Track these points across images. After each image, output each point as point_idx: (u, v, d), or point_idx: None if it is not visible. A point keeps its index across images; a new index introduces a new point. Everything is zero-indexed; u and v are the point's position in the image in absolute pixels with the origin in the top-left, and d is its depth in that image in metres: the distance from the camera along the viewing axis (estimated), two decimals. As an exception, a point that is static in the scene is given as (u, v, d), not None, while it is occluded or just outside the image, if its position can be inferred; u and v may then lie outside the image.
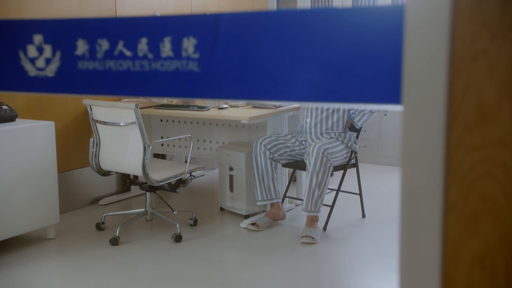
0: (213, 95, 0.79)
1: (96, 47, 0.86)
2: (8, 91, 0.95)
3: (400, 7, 0.65)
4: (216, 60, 0.77)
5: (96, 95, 0.88)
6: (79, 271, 3.03)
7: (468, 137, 0.61)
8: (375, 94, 0.67)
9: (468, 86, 0.60)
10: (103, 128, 3.42)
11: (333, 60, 0.69)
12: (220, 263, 3.24)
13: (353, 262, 3.15)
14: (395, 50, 0.65)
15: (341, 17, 0.69)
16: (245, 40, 0.75)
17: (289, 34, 0.71)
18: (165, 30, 0.80)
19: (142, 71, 0.83)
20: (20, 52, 0.92)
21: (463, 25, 0.59)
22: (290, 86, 0.72)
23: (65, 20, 0.89)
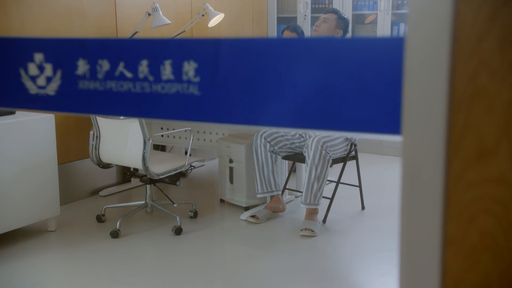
0: (213, 119, 0.79)
1: (97, 68, 0.86)
2: (9, 108, 0.96)
3: (400, 39, 0.65)
4: (217, 85, 0.77)
5: (97, 114, 0.88)
6: (80, 264, 3.05)
7: (467, 173, 0.61)
8: (375, 124, 0.68)
9: (467, 123, 0.61)
10: (103, 121, 3.42)
11: (333, 89, 0.70)
12: (220, 256, 3.26)
13: (352, 255, 3.17)
14: (395, 81, 0.66)
15: (341, 46, 0.69)
16: (245, 66, 0.75)
17: (290, 62, 0.72)
18: (166, 53, 0.80)
19: (143, 93, 0.83)
20: (21, 69, 0.92)
21: (462, 63, 0.60)
22: (289, 112, 0.73)
23: (65, 39, 0.89)
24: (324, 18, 3.65)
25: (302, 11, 5.90)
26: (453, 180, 0.61)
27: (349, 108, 0.69)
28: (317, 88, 0.70)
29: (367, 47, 0.67)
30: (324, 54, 0.69)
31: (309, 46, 0.70)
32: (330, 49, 0.69)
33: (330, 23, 3.62)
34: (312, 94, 0.71)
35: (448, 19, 0.59)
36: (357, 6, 5.71)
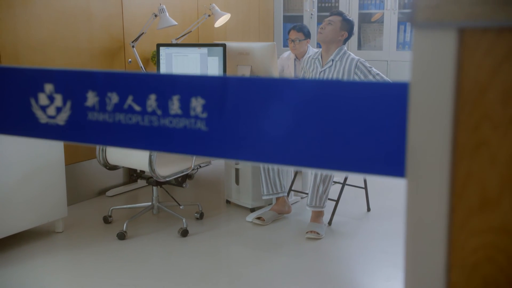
0: (220, 155, 0.80)
1: (106, 100, 0.87)
2: (20, 136, 0.97)
3: (404, 85, 0.66)
4: (224, 121, 0.79)
5: (106, 145, 0.90)
6: (86, 266, 3.08)
7: (471, 222, 0.62)
8: (380, 166, 0.69)
9: (470, 173, 0.62)
10: (110, 123, 3.43)
11: (339, 130, 0.71)
12: (225, 258, 3.28)
13: (358, 258, 3.19)
14: (399, 125, 0.67)
15: (347, 89, 0.70)
16: (252, 104, 0.76)
17: (296, 102, 0.73)
18: (174, 88, 0.82)
19: (151, 126, 0.84)
20: (31, 99, 0.93)
21: (465, 114, 0.61)
22: (295, 151, 0.74)
23: (76, 71, 0.91)
24: (329, 20, 3.64)
25: (308, 10, 5.89)
26: (456, 228, 0.62)
27: (354, 150, 0.70)
28: (322, 128, 0.71)
29: (373, 90, 0.68)
30: (330, 96, 0.70)
31: (316, 88, 0.71)
32: (336, 92, 0.70)
33: (335, 25, 3.61)
34: (318, 134, 0.72)
35: (451, 72, 0.59)
36: (363, 5, 5.70)
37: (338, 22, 3.61)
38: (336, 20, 3.62)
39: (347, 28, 3.63)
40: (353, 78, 3.57)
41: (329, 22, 3.62)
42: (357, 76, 3.57)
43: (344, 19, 3.64)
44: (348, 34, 3.65)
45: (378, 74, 3.59)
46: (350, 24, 3.66)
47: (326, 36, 3.61)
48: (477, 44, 0.58)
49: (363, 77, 3.56)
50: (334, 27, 3.61)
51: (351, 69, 3.57)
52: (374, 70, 3.59)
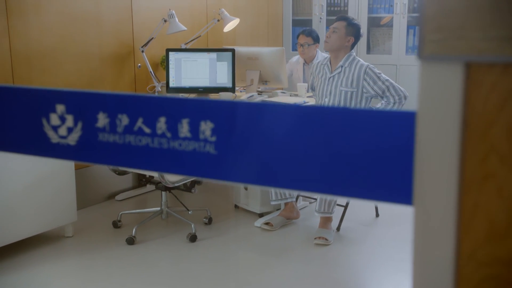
0: (229, 178, 0.81)
1: (116, 121, 0.88)
2: (32, 155, 0.99)
3: (412, 114, 0.66)
4: (233, 145, 0.79)
5: (116, 166, 0.91)
6: (95, 271, 3.10)
7: (478, 253, 0.63)
8: (387, 193, 0.69)
9: (477, 205, 0.62)
10: (120, 129, 3.45)
11: (346, 157, 0.71)
12: (234, 264, 3.29)
13: (366, 265, 3.19)
14: (407, 153, 0.67)
15: (356, 117, 0.70)
16: (261, 129, 0.77)
17: (305, 129, 0.73)
18: (184, 111, 0.83)
19: (161, 149, 0.85)
20: (43, 119, 0.95)
21: (473, 147, 0.61)
22: (302, 177, 0.75)
23: (87, 92, 0.92)
24: (333, 28, 3.63)
25: (317, 13, 5.89)
26: (463, 259, 0.63)
27: (361, 176, 0.71)
28: (330, 154, 0.72)
29: (380, 119, 0.69)
30: (339, 123, 0.71)
31: (324, 115, 0.72)
32: (345, 119, 0.71)
33: (339, 32, 3.60)
34: (326, 160, 0.73)
35: (458, 104, 0.60)
36: (372, 9, 5.69)
37: (342, 28, 3.60)
38: (340, 27, 3.60)
39: (353, 33, 3.62)
40: (362, 84, 3.57)
41: (334, 30, 3.61)
42: (366, 82, 3.56)
43: (349, 24, 3.61)
44: (354, 38, 3.63)
45: (387, 80, 3.58)
46: (356, 28, 3.63)
47: (332, 44, 3.60)
48: (484, 79, 0.59)
49: (372, 83, 3.55)
50: (339, 34, 3.60)
51: (360, 75, 3.56)
52: (383, 76, 3.58)
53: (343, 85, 3.61)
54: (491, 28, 0.55)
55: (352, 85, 3.58)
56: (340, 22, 3.63)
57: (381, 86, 3.53)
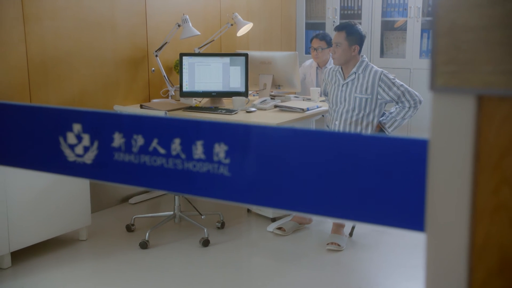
0: (242, 200, 0.82)
1: (131, 142, 0.90)
2: (49, 173, 1.00)
3: (424, 142, 0.67)
4: (246, 168, 0.80)
5: (131, 185, 0.92)
6: (110, 274, 3.13)
7: (490, 283, 0.63)
8: (399, 219, 0.70)
9: (489, 235, 0.62)
10: (134, 134, 3.48)
11: (359, 182, 0.72)
12: (246, 269, 3.30)
13: (378, 271, 3.18)
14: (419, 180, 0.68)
15: (368, 143, 0.71)
16: (274, 153, 0.78)
17: (317, 154, 0.74)
18: (198, 133, 0.84)
19: (175, 169, 0.87)
20: (60, 138, 0.96)
21: (485, 178, 0.61)
22: (316, 200, 0.76)
23: (103, 112, 0.93)
24: (336, 43, 3.63)
25: (331, 17, 5.88)
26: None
27: (374, 202, 0.71)
28: (343, 180, 0.73)
29: (393, 145, 0.70)
30: (352, 149, 0.72)
31: (337, 140, 0.73)
32: (358, 145, 0.71)
33: (342, 45, 3.60)
34: (339, 185, 0.73)
35: (470, 135, 0.60)
36: (386, 12, 5.67)
37: (343, 40, 3.59)
38: (341, 40, 3.59)
39: (355, 41, 3.60)
40: (377, 91, 3.57)
41: (336, 44, 3.61)
42: (381, 89, 3.56)
43: (348, 34, 3.59)
44: (359, 45, 3.63)
45: (402, 85, 3.58)
46: (356, 35, 3.61)
47: (339, 59, 3.62)
48: (495, 111, 0.59)
49: (387, 89, 3.55)
50: (342, 47, 3.60)
51: (374, 81, 3.57)
52: (397, 82, 3.58)
53: (357, 92, 3.61)
54: (502, 62, 0.56)
55: (366, 92, 3.59)
56: (339, 33, 3.61)
57: (396, 91, 3.54)
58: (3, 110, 0.99)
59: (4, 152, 1.02)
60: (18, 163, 1.03)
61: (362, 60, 3.64)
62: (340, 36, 3.60)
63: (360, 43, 3.63)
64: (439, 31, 0.60)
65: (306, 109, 3.95)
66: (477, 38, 0.57)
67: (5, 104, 0.99)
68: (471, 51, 0.58)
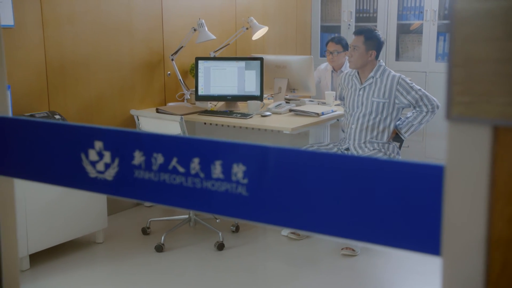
0: (259, 219, 0.84)
1: (152, 160, 0.92)
2: (70, 188, 1.03)
3: (440, 167, 0.68)
4: (264, 188, 0.82)
5: (151, 202, 0.94)
6: (125, 277, 3.17)
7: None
8: (415, 243, 0.71)
9: (506, 263, 0.63)
10: (150, 138, 3.52)
11: (375, 205, 0.73)
12: (261, 273, 3.32)
13: (393, 277, 3.18)
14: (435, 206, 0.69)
15: (385, 167, 0.72)
16: (291, 174, 0.80)
17: (335, 176, 0.75)
18: (217, 153, 0.86)
19: (194, 188, 0.88)
20: (82, 154, 0.99)
21: (500, 206, 0.62)
22: (332, 222, 0.77)
23: (124, 131, 0.96)
24: (353, 46, 3.63)
25: (346, 20, 5.87)
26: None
27: (390, 225, 0.73)
28: (360, 203, 0.74)
29: (410, 170, 0.71)
30: (369, 172, 0.73)
31: (354, 164, 0.74)
32: (375, 168, 0.73)
33: (359, 49, 3.60)
34: (355, 208, 0.75)
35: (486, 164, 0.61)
36: (402, 15, 5.65)
37: (361, 44, 3.59)
38: (359, 44, 3.60)
39: (373, 46, 3.61)
40: (395, 95, 3.57)
41: (354, 48, 3.62)
42: (399, 93, 3.56)
43: (367, 38, 3.59)
44: (376, 51, 3.63)
45: (419, 89, 3.59)
46: (375, 40, 3.61)
47: (356, 63, 3.63)
48: (511, 141, 0.60)
49: (405, 93, 3.56)
50: (359, 51, 3.60)
51: (392, 86, 3.57)
52: (415, 86, 3.59)
53: (375, 96, 3.62)
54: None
55: (384, 96, 3.59)
56: (358, 37, 3.62)
57: (414, 96, 3.55)
58: (28, 126, 1.02)
59: (28, 167, 1.04)
60: (41, 178, 1.05)
61: (379, 64, 3.64)
62: (358, 39, 3.61)
63: (378, 49, 3.63)
64: (455, 62, 0.61)
65: (321, 113, 3.96)
66: (493, 70, 0.58)
67: (29, 121, 1.02)
68: (487, 82, 0.59)
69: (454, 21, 0.61)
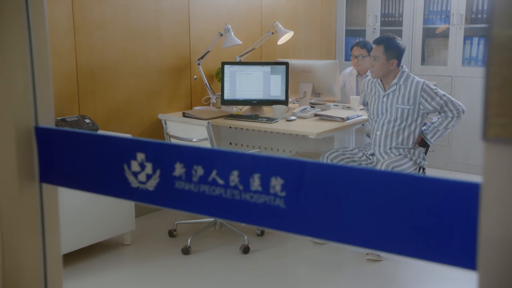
0: (296, 231, 0.87)
1: (192, 172, 0.96)
2: (113, 197, 1.07)
3: (476, 185, 0.70)
4: (301, 201, 0.85)
5: (191, 212, 0.98)
6: (153, 279, 3.23)
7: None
8: (452, 257, 0.73)
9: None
10: (177, 142, 3.58)
11: (412, 221, 0.76)
12: (285, 277, 3.35)
13: (419, 282, 3.18)
14: (471, 222, 0.71)
15: (422, 184, 0.75)
16: (327, 188, 0.83)
17: (369, 192, 0.78)
18: (256, 167, 0.89)
19: (233, 199, 0.92)
20: (125, 165, 1.03)
21: (535, 225, 0.64)
22: (368, 236, 0.80)
23: (165, 143, 1.00)
24: (374, 56, 3.63)
25: (371, 24, 5.86)
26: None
27: (427, 240, 0.75)
28: (397, 218, 0.77)
29: (446, 187, 0.73)
30: (405, 188, 0.76)
31: (391, 180, 0.77)
32: (411, 185, 0.75)
33: (380, 59, 3.60)
34: (393, 223, 0.77)
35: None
36: (428, 19, 5.62)
37: (382, 55, 3.59)
38: (379, 54, 3.59)
39: (393, 55, 3.60)
40: (420, 101, 3.57)
41: (374, 58, 3.61)
42: (423, 99, 3.56)
43: (387, 48, 3.57)
44: (397, 59, 3.62)
45: (444, 95, 3.58)
46: (395, 49, 3.60)
47: (377, 73, 3.63)
48: (547, 163, 0.62)
49: (430, 99, 3.55)
50: (380, 62, 3.60)
51: (416, 92, 3.57)
52: (440, 92, 3.58)
53: (399, 103, 3.62)
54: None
55: (409, 103, 3.60)
56: (377, 47, 3.60)
57: (439, 101, 3.54)
58: (74, 138, 1.07)
59: (73, 177, 1.09)
60: (85, 187, 1.10)
61: (402, 71, 3.65)
62: (378, 50, 3.60)
63: (399, 57, 3.63)
64: (491, 85, 0.64)
65: (346, 118, 3.97)
66: (529, 94, 0.60)
67: (75, 133, 1.07)
68: (523, 106, 0.61)
69: (491, 46, 0.64)
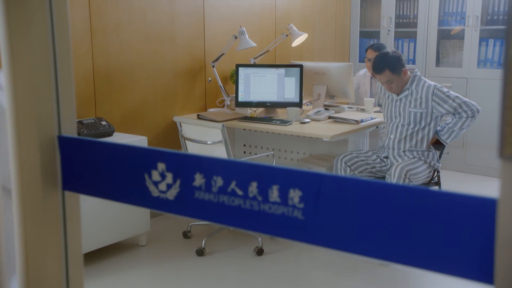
0: (314, 242, 0.89)
1: (211, 182, 0.98)
2: (133, 205, 1.10)
3: (493, 201, 0.71)
4: (319, 213, 0.87)
5: (210, 222, 1.00)
6: (167, 280, 3.26)
7: None
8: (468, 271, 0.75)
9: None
10: (191, 144, 3.61)
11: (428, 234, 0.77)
12: (299, 279, 3.36)
13: (432, 287, 3.18)
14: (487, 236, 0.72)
15: (439, 198, 0.76)
16: (345, 201, 0.84)
17: (386, 205, 0.80)
18: (274, 178, 0.91)
19: (252, 210, 0.94)
20: (145, 174, 1.06)
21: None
22: (385, 249, 0.81)
23: (186, 154, 1.02)
24: (387, 82, 3.59)
25: (385, 26, 5.85)
26: None
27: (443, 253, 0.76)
28: (414, 231, 0.78)
29: (462, 201, 0.74)
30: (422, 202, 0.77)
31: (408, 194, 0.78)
32: (428, 199, 0.77)
33: (394, 80, 3.56)
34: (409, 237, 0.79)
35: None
36: (443, 21, 5.60)
37: (391, 76, 3.56)
38: (389, 77, 3.57)
39: (400, 67, 3.57)
40: (432, 105, 3.57)
41: (388, 81, 3.59)
42: (435, 103, 3.56)
43: (391, 68, 3.53)
44: (403, 66, 3.61)
45: (457, 97, 3.57)
46: (397, 61, 3.57)
47: (397, 90, 3.65)
48: None
49: (442, 103, 3.55)
50: (395, 81, 3.59)
51: (428, 96, 3.58)
52: (452, 94, 3.57)
53: (411, 106, 3.63)
54: None
55: (421, 106, 3.60)
56: (384, 74, 3.55)
57: (452, 104, 3.54)
58: (95, 147, 1.09)
59: (94, 185, 1.12)
60: (106, 195, 1.13)
61: (414, 75, 3.65)
62: (386, 75, 3.57)
63: (403, 64, 3.63)
64: (508, 104, 0.65)
65: (361, 120, 3.98)
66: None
67: (96, 142, 1.09)
68: (540, 125, 0.62)
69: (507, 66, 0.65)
